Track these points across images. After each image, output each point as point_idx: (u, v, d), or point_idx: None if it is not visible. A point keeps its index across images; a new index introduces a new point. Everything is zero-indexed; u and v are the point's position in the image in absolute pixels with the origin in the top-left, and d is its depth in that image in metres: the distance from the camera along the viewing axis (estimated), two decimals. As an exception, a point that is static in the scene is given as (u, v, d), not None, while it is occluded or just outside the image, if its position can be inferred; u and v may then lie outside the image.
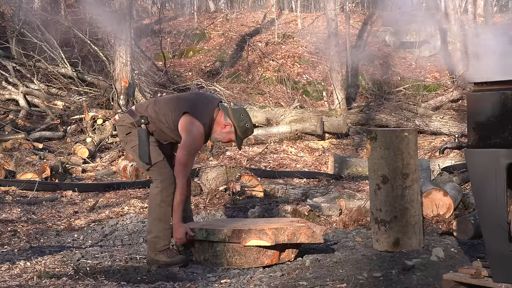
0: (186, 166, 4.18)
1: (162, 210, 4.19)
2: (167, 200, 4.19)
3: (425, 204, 5.12)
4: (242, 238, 4.01)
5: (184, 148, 4.16)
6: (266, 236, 3.98)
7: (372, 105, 14.88)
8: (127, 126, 4.27)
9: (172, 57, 17.64)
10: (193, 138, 4.15)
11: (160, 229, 4.19)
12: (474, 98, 3.16)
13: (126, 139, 4.31)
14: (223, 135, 4.29)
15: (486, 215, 3.13)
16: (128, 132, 4.27)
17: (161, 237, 4.18)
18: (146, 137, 4.19)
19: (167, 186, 4.19)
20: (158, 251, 4.16)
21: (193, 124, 4.15)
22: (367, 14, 21.69)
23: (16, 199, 6.96)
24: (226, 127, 4.26)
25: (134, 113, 4.28)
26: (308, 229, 4.13)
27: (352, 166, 9.09)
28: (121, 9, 12.56)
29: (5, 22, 16.47)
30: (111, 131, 11.57)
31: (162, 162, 4.23)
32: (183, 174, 4.18)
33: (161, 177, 4.20)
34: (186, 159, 4.16)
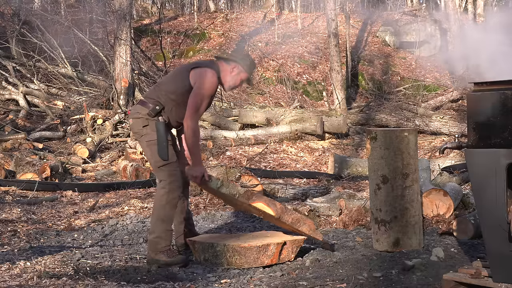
0: (197, 111, 4.17)
1: (166, 211, 4.19)
2: (172, 202, 4.19)
3: (425, 204, 5.12)
4: (252, 200, 4.09)
5: (196, 92, 4.17)
6: (274, 206, 4.09)
7: (372, 105, 14.88)
8: (144, 118, 4.23)
9: (172, 57, 17.64)
10: (206, 81, 4.19)
11: (163, 230, 4.19)
12: (474, 98, 3.16)
13: (142, 131, 4.25)
14: (234, 79, 4.35)
15: (486, 215, 3.13)
16: (146, 124, 4.23)
17: (162, 237, 4.18)
18: (164, 131, 4.19)
19: (174, 188, 4.19)
20: (159, 251, 4.16)
21: (206, 70, 4.23)
22: (367, 14, 21.69)
23: (16, 199, 6.96)
24: (234, 69, 4.33)
25: (146, 103, 4.27)
26: (313, 224, 4.25)
27: (352, 166, 9.08)
28: (121, 9, 12.56)
29: (5, 22, 16.48)
30: (111, 131, 11.58)
31: (174, 163, 4.22)
32: (195, 119, 4.15)
33: (170, 179, 4.19)
34: (197, 103, 4.16)
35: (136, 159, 9.93)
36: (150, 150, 4.23)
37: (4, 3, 16.24)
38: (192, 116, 4.15)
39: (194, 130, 4.16)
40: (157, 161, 4.19)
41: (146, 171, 9.03)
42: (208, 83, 4.20)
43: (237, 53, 4.45)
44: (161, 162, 4.18)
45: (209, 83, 4.20)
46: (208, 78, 4.20)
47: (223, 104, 14.20)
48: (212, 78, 4.22)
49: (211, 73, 4.23)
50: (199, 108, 4.18)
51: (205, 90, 4.19)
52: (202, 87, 4.18)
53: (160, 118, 4.21)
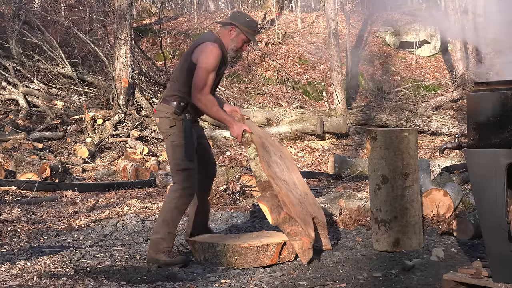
0: (203, 87, 4.09)
1: (173, 215, 4.18)
2: (181, 208, 4.20)
3: (425, 204, 5.12)
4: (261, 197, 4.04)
5: (198, 68, 4.11)
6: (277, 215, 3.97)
7: (372, 105, 14.87)
8: (171, 118, 4.21)
9: (172, 57, 17.63)
10: (206, 55, 4.11)
11: (166, 232, 4.18)
12: (474, 98, 3.16)
13: (169, 131, 4.22)
14: (235, 41, 4.28)
15: (486, 215, 3.13)
16: (173, 124, 4.21)
17: (165, 239, 4.17)
18: (191, 132, 4.20)
19: (187, 195, 4.19)
20: (160, 251, 4.15)
21: (205, 45, 4.16)
22: (367, 14, 21.68)
23: (16, 199, 6.96)
24: (232, 32, 4.28)
25: (168, 100, 4.25)
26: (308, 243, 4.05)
27: (352, 166, 9.08)
28: (121, 9, 12.56)
29: (5, 22, 16.47)
30: (111, 131, 11.58)
31: (193, 170, 4.21)
32: (203, 95, 4.09)
33: (185, 185, 4.17)
34: (201, 79, 4.08)
35: (136, 159, 9.94)
36: (173, 151, 4.21)
37: (4, 3, 16.23)
38: (199, 93, 4.09)
39: (207, 105, 4.11)
40: (177, 164, 4.17)
41: (146, 171, 9.04)
42: (209, 56, 4.12)
43: (233, 14, 4.39)
44: (181, 166, 4.16)
45: (210, 56, 4.12)
46: (208, 51, 4.13)
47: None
48: (212, 49, 4.14)
49: (210, 45, 4.16)
50: (205, 84, 4.10)
51: (207, 64, 4.11)
52: (203, 61, 4.11)
53: (187, 116, 4.22)
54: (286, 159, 4.51)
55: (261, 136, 4.28)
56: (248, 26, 4.29)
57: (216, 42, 4.19)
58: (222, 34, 4.29)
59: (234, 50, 4.32)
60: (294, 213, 3.99)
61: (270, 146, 4.33)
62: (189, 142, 4.19)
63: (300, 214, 4.06)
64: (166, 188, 7.34)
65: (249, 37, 4.32)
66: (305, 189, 4.49)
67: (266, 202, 3.97)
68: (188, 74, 4.17)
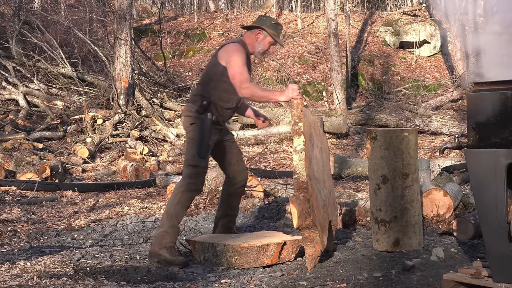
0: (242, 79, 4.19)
1: (176, 210, 4.25)
2: (184, 202, 4.26)
3: (425, 204, 5.12)
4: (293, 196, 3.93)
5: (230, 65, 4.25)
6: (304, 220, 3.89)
7: (372, 105, 14.87)
8: (193, 116, 4.33)
9: (172, 57, 17.64)
10: (232, 53, 4.28)
11: (170, 225, 4.24)
12: (474, 98, 3.16)
13: (188, 128, 4.36)
14: (262, 44, 4.44)
15: (486, 215, 3.13)
16: (193, 122, 4.32)
17: (169, 233, 4.22)
18: (208, 130, 4.28)
19: (191, 192, 4.28)
20: (163, 246, 4.19)
21: (228, 46, 4.38)
22: (367, 14, 21.68)
23: (16, 199, 6.96)
24: (258, 35, 4.43)
25: (193, 100, 4.39)
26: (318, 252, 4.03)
27: (352, 166, 9.08)
28: (121, 9, 12.56)
29: (5, 22, 16.48)
30: (111, 131, 11.58)
31: (204, 168, 4.30)
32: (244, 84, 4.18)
33: (190, 180, 4.26)
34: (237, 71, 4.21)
35: (136, 159, 9.94)
36: (188, 147, 4.34)
37: (4, 3, 16.24)
38: (242, 86, 4.19)
39: (253, 91, 4.21)
40: (189, 159, 4.29)
41: (146, 171, 9.04)
42: (234, 53, 4.28)
43: (259, 18, 4.53)
44: (191, 161, 4.27)
45: (235, 53, 4.28)
46: (233, 50, 4.31)
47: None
48: (233, 47, 4.32)
49: (234, 45, 4.36)
50: (242, 76, 4.21)
51: (236, 59, 4.25)
52: (231, 58, 4.26)
53: (209, 115, 4.31)
54: (324, 152, 4.46)
55: (311, 126, 4.20)
56: (274, 29, 4.44)
57: (239, 43, 4.38)
58: (248, 38, 4.46)
59: (261, 53, 4.50)
60: (317, 219, 3.95)
61: (315, 137, 4.26)
62: (204, 141, 4.28)
63: (321, 220, 4.04)
64: (166, 188, 7.34)
65: (276, 39, 4.45)
66: (330, 187, 4.48)
67: (298, 205, 3.87)
68: (213, 75, 4.36)
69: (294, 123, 4.00)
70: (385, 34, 19.60)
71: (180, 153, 10.89)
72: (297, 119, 3.99)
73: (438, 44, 19.03)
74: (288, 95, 4.09)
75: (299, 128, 3.98)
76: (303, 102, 4.12)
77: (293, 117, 4.02)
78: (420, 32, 18.80)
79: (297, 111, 4.02)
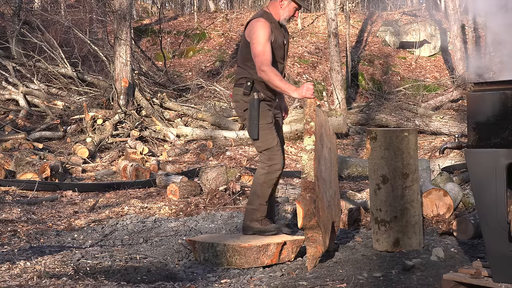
0: (261, 60, 4.22)
1: (263, 190, 4.39)
2: (269, 182, 4.38)
3: (425, 204, 5.12)
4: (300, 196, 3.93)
5: (252, 44, 4.30)
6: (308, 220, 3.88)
7: (372, 105, 14.87)
8: (243, 101, 4.39)
9: (172, 57, 17.64)
10: (253, 30, 4.32)
11: (258, 203, 4.41)
12: (474, 98, 3.16)
13: (244, 115, 4.44)
14: (286, 10, 4.45)
15: (486, 215, 3.13)
16: (246, 108, 4.39)
17: (259, 209, 4.40)
18: (257, 109, 4.31)
19: (274, 171, 4.36)
20: (254, 219, 4.39)
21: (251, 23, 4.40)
22: (367, 14, 21.68)
23: (16, 199, 6.96)
24: (282, 2, 4.44)
25: (238, 84, 4.45)
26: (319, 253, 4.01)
27: (352, 166, 9.08)
28: (121, 9, 12.56)
29: (5, 22, 16.48)
30: (111, 131, 11.58)
31: (276, 147, 4.36)
32: (264, 67, 4.22)
33: (270, 162, 4.35)
34: (257, 52, 4.25)
35: (136, 159, 9.94)
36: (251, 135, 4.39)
37: (4, 3, 16.24)
38: (261, 66, 4.24)
39: (270, 75, 4.23)
40: (257, 147, 4.40)
41: (146, 171, 9.04)
42: (256, 30, 4.31)
43: None
44: (261, 148, 4.36)
45: (257, 29, 4.31)
46: (254, 26, 4.34)
47: (223, 104, 14.22)
48: (256, 23, 4.34)
49: (255, 21, 4.38)
50: (263, 56, 4.25)
51: (257, 37, 4.29)
52: (253, 36, 4.31)
53: (255, 95, 4.35)
54: (333, 152, 4.47)
55: (322, 125, 4.20)
56: None
57: (262, 17, 4.39)
58: (272, 7, 4.47)
59: (287, 19, 4.49)
60: (321, 220, 3.95)
61: (325, 137, 4.26)
62: (263, 123, 4.33)
63: (325, 221, 4.04)
64: (166, 188, 7.35)
65: (300, 3, 4.46)
66: (335, 187, 4.49)
67: (304, 205, 3.87)
68: (246, 53, 4.41)
69: (306, 122, 4.01)
70: (385, 34, 19.60)
71: (180, 153, 10.89)
72: (309, 118, 4.01)
73: (438, 44, 19.02)
74: (301, 93, 4.15)
75: (310, 128, 3.99)
76: (316, 101, 4.12)
77: (305, 116, 4.04)
78: (420, 32, 18.80)
79: (309, 110, 4.03)
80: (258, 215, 4.41)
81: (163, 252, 4.55)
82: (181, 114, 13.02)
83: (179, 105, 13.32)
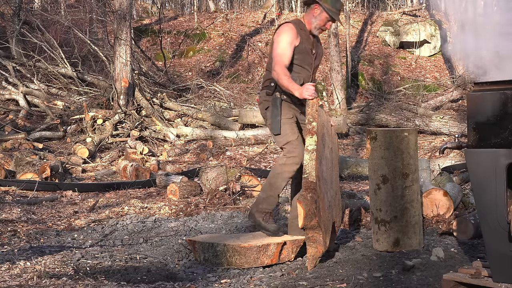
0: (277, 62, 4.24)
1: (278, 181, 4.33)
2: (284, 175, 4.31)
3: (425, 204, 5.12)
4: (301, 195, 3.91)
5: (273, 47, 4.33)
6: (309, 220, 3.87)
7: (372, 105, 14.87)
8: (266, 101, 4.41)
9: (172, 57, 17.64)
10: (278, 34, 4.34)
11: (268, 194, 4.36)
12: (474, 98, 3.16)
13: (265, 114, 4.44)
14: (317, 20, 4.39)
15: (486, 215, 3.13)
16: (267, 106, 4.40)
17: (266, 200, 4.36)
18: (279, 106, 4.31)
19: (292, 164, 4.29)
20: (259, 210, 4.35)
21: (280, 27, 4.41)
22: (367, 14, 21.68)
23: (16, 199, 6.96)
24: (315, 10, 4.38)
25: (265, 85, 4.44)
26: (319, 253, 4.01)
27: (352, 166, 9.08)
28: (121, 9, 12.57)
29: (5, 22, 16.49)
30: (111, 131, 11.58)
31: (294, 141, 4.31)
32: (277, 68, 4.23)
33: (289, 155, 4.29)
34: (276, 55, 4.27)
35: (136, 159, 9.94)
36: (271, 132, 4.40)
37: (4, 3, 16.24)
38: (274, 66, 4.27)
39: (279, 73, 4.22)
40: (277, 142, 4.39)
41: (146, 171, 9.04)
42: (280, 34, 4.32)
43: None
44: (280, 143, 4.33)
45: (281, 33, 4.32)
46: (281, 30, 4.35)
47: (223, 104, 14.21)
48: (283, 28, 4.34)
49: (285, 25, 4.38)
50: (280, 57, 4.25)
51: (279, 41, 4.30)
52: (276, 39, 4.34)
53: (277, 94, 4.34)
54: (334, 152, 4.46)
55: (324, 126, 4.21)
56: (331, 4, 4.34)
57: (292, 22, 4.40)
58: (306, 14, 4.45)
59: (317, 29, 4.43)
60: (322, 220, 3.94)
61: (327, 137, 4.26)
62: (283, 118, 4.31)
63: (326, 221, 4.04)
64: (166, 188, 7.35)
65: (331, 15, 4.36)
66: (336, 187, 4.48)
67: (304, 205, 3.86)
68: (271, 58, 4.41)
69: (308, 122, 4.01)
70: (385, 34, 19.60)
71: (180, 153, 10.89)
72: (312, 118, 4.01)
73: (438, 44, 19.02)
74: (301, 93, 4.15)
75: (312, 128, 3.99)
76: (318, 101, 4.12)
77: (307, 116, 4.03)
78: (420, 32, 18.80)
79: (311, 111, 4.03)
80: (264, 205, 4.36)
81: (163, 252, 4.55)
82: (181, 114, 13.03)
83: (179, 105, 13.32)
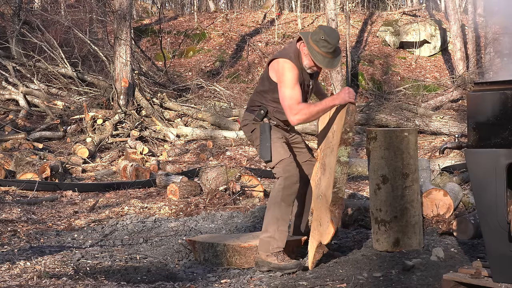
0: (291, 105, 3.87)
1: (282, 209, 3.94)
2: (288, 199, 3.96)
3: (425, 204, 5.12)
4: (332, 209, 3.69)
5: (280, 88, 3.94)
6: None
7: (372, 105, 14.87)
8: (251, 123, 4.13)
9: (172, 57, 17.64)
10: (281, 72, 3.94)
11: (276, 229, 3.93)
12: (474, 98, 3.16)
13: (251, 137, 4.17)
14: (307, 59, 3.99)
15: (486, 215, 3.13)
16: (253, 129, 4.12)
17: (276, 238, 3.92)
18: (268, 132, 4.03)
19: (290, 184, 3.94)
20: (270, 252, 3.92)
21: (277, 61, 3.99)
22: (367, 14, 21.68)
23: (16, 199, 6.96)
24: (304, 48, 3.99)
25: (250, 110, 4.17)
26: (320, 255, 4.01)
27: (352, 166, 9.08)
28: (121, 9, 12.57)
29: (5, 22, 16.49)
30: (111, 131, 11.58)
31: (287, 159, 4.00)
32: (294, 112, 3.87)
33: (285, 175, 3.95)
34: (286, 97, 3.89)
35: (136, 159, 9.94)
36: (261, 154, 4.07)
37: (4, 3, 16.24)
38: (290, 112, 3.90)
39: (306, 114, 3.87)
40: (269, 162, 4.04)
41: (146, 171, 9.04)
42: (283, 73, 3.94)
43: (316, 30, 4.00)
44: (273, 163, 4.00)
45: (284, 72, 3.94)
46: (280, 69, 3.96)
47: (223, 104, 14.21)
48: (283, 65, 3.95)
49: (282, 61, 3.97)
50: (293, 101, 3.88)
51: (285, 81, 3.92)
52: (280, 79, 3.95)
53: (265, 120, 4.08)
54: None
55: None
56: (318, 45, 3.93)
57: (289, 58, 3.99)
58: (301, 48, 4.05)
59: (307, 68, 4.05)
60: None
61: None
62: (267, 139, 4.02)
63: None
64: (166, 188, 7.35)
65: (317, 63, 3.97)
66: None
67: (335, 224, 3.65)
68: (267, 85, 4.10)
69: (345, 131, 3.67)
70: (385, 34, 19.60)
71: (180, 153, 10.89)
72: (349, 128, 3.67)
73: (438, 44, 19.02)
74: (345, 98, 3.78)
75: (348, 138, 3.67)
76: (356, 109, 3.78)
77: (345, 124, 3.68)
78: (420, 32, 18.80)
79: (350, 119, 3.69)
80: (275, 245, 3.89)
81: (163, 252, 4.55)
82: (181, 114, 13.03)
83: (179, 105, 13.32)
